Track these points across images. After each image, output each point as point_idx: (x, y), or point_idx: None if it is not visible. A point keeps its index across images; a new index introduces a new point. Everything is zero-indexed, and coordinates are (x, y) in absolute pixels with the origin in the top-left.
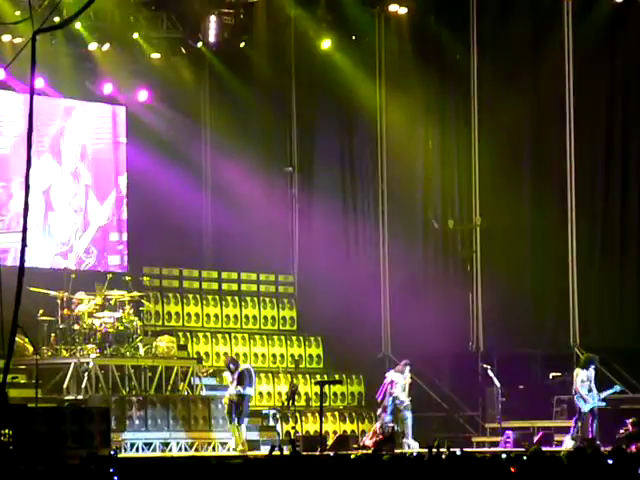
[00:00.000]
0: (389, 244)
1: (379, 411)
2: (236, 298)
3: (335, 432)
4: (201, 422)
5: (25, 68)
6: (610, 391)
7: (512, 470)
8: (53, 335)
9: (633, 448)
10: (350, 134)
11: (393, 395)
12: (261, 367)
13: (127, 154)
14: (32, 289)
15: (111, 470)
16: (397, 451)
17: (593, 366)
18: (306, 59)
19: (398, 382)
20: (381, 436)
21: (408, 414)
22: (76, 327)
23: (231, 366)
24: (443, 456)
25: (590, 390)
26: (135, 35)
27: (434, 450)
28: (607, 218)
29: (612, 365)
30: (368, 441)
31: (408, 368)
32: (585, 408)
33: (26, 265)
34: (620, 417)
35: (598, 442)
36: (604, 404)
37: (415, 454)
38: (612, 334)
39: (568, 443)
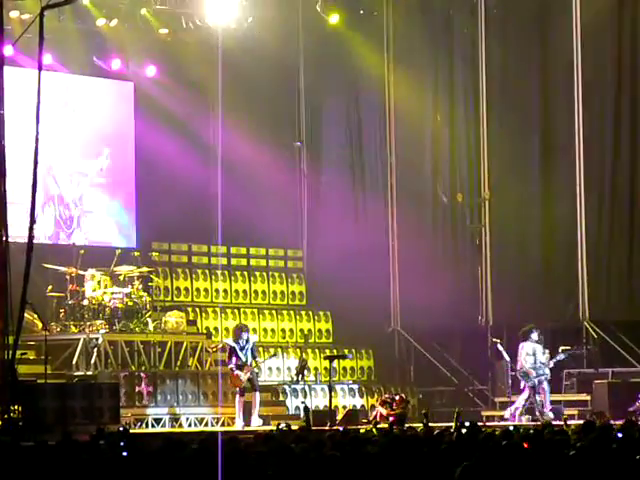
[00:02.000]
0: (398, 218)
1: (522, 384)
2: (245, 273)
3: (345, 407)
4: (211, 397)
5: (33, 44)
6: (554, 360)
7: (525, 446)
8: (62, 311)
9: None
10: (358, 108)
11: (530, 365)
12: (270, 342)
13: (135, 130)
14: (45, 265)
15: (121, 444)
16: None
17: (535, 337)
18: (314, 34)
19: (536, 352)
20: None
21: (545, 385)
22: (85, 303)
23: (244, 335)
24: (463, 430)
25: (535, 362)
26: (143, 11)
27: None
28: (616, 190)
29: (621, 338)
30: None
31: (542, 338)
32: (530, 383)
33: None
34: (631, 391)
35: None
36: (548, 374)
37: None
38: (621, 307)
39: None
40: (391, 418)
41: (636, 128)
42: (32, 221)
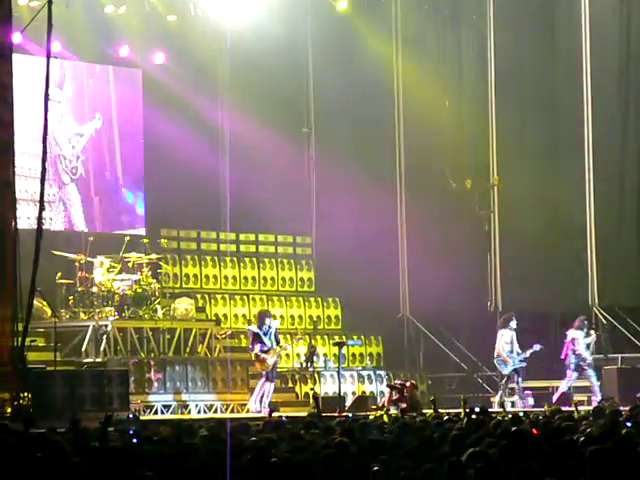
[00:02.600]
0: (406, 205)
1: (568, 372)
2: (254, 260)
3: (354, 393)
4: (220, 384)
5: (42, 31)
6: (529, 351)
7: (534, 432)
8: (71, 298)
9: None
10: (367, 95)
11: (576, 353)
12: (280, 329)
13: (144, 117)
14: (54, 252)
15: (130, 432)
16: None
17: (514, 325)
18: (322, 20)
19: (579, 339)
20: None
21: (592, 372)
22: (94, 290)
23: (267, 320)
24: (473, 416)
25: (511, 351)
26: None
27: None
28: (625, 177)
29: (631, 324)
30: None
31: (587, 323)
32: (506, 370)
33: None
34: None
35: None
36: (524, 364)
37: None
38: (630, 293)
39: (520, 403)
40: (403, 405)
41: None
42: (41, 208)
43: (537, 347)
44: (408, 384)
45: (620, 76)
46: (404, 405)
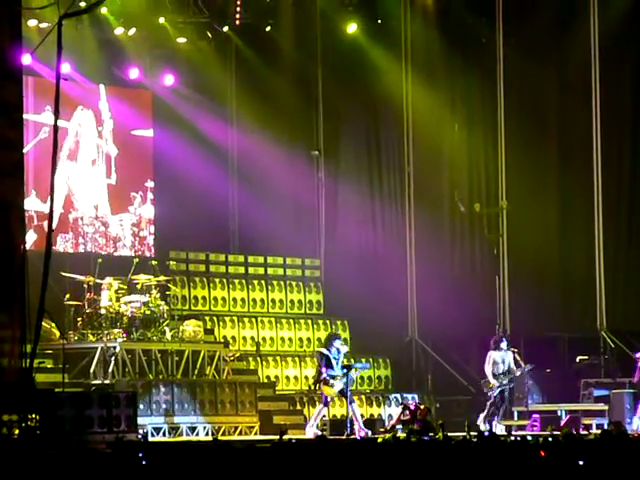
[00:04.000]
0: (415, 228)
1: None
2: (262, 282)
3: (362, 416)
4: (228, 406)
5: (51, 53)
6: (519, 371)
7: (542, 454)
8: (80, 319)
9: None
10: (376, 117)
11: None
12: (288, 351)
13: (154, 139)
14: (63, 274)
15: (140, 455)
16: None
17: (504, 346)
18: (332, 43)
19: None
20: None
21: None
22: (103, 311)
23: (336, 343)
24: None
25: (502, 373)
26: (161, 20)
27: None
28: (634, 201)
29: (638, 348)
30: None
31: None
32: (490, 392)
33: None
34: None
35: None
36: (511, 385)
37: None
38: (638, 317)
39: (482, 427)
40: (415, 427)
41: None
42: (50, 229)
43: (528, 367)
44: (422, 407)
45: (630, 99)
46: (417, 427)
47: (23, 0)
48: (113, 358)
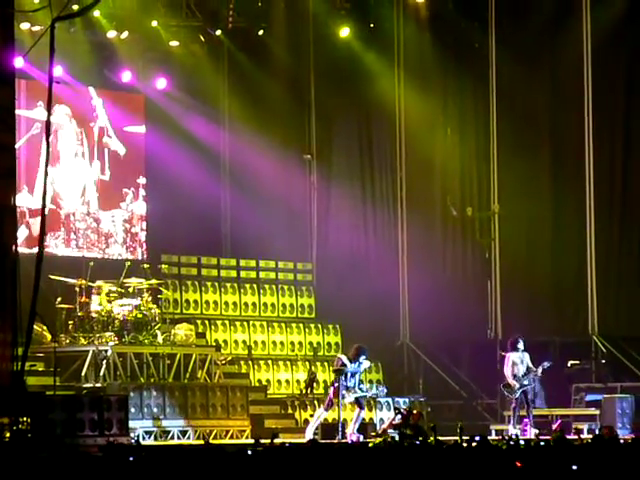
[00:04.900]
0: (407, 232)
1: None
2: (254, 286)
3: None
4: (219, 410)
5: (44, 56)
6: (540, 369)
7: (518, 465)
8: (71, 323)
9: None
10: (368, 121)
11: None
12: (279, 355)
13: (145, 142)
14: (52, 277)
15: (130, 459)
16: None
17: (522, 347)
18: (324, 47)
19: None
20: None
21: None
22: (94, 315)
23: (360, 358)
24: (464, 444)
25: (524, 374)
26: (154, 23)
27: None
28: (626, 205)
29: (630, 353)
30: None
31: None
32: (514, 395)
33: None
34: None
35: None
36: (532, 385)
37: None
38: (630, 322)
39: (512, 431)
40: (408, 431)
41: None
42: (42, 233)
43: (546, 364)
44: (415, 411)
45: (623, 104)
46: (409, 431)
47: (16, 3)
48: (104, 361)
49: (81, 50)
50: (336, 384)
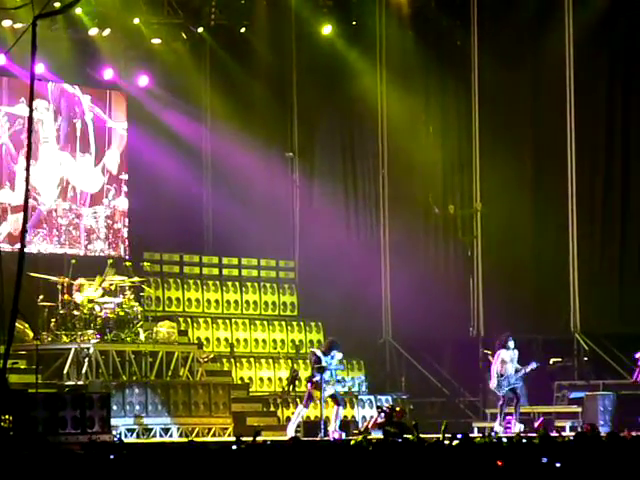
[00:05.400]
0: (390, 229)
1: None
2: (237, 283)
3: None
4: (202, 408)
5: (26, 53)
6: (528, 368)
7: (499, 464)
8: (53, 320)
9: None
10: (351, 119)
11: None
12: (262, 353)
13: (127, 139)
14: (33, 274)
15: (111, 457)
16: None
17: (512, 345)
18: (307, 44)
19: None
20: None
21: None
22: (76, 312)
23: (333, 351)
24: (446, 442)
25: (514, 371)
26: (136, 20)
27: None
28: (608, 203)
29: (612, 350)
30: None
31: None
32: (501, 392)
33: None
34: (622, 403)
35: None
36: (520, 384)
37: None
38: (612, 319)
39: (497, 428)
40: (392, 429)
41: (628, 142)
42: (24, 230)
43: (534, 365)
44: (398, 409)
45: (604, 104)
46: (393, 429)
47: None
48: (87, 359)
49: (63, 48)
50: (314, 379)
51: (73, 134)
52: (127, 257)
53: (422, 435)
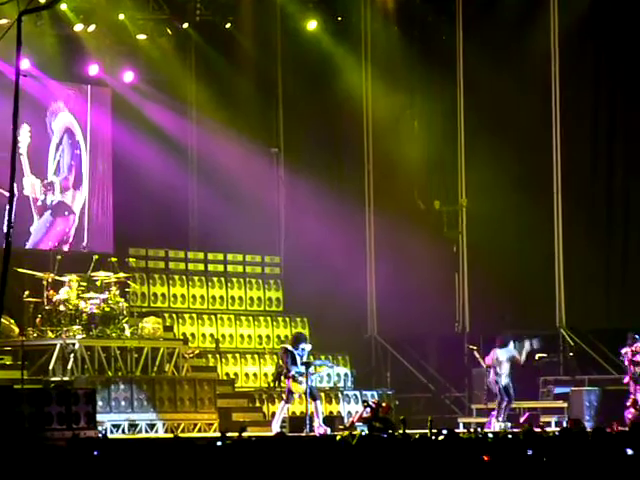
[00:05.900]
0: (375, 225)
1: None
2: (222, 279)
3: (322, 413)
4: (187, 403)
5: (11, 49)
6: (524, 351)
7: (485, 459)
8: (39, 316)
9: None
10: (336, 114)
11: None
12: (247, 348)
13: (113, 135)
14: (18, 270)
15: (95, 453)
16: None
17: (512, 346)
18: (292, 40)
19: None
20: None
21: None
22: (62, 308)
23: (302, 344)
24: (433, 437)
25: (497, 372)
26: (121, 16)
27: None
28: (593, 199)
29: (598, 346)
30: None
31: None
32: (495, 389)
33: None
34: (608, 398)
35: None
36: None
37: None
38: (598, 315)
39: (495, 424)
40: (377, 424)
41: (613, 135)
42: (9, 226)
43: (535, 343)
44: (384, 404)
45: (590, 97)
46: (378, 425)
47: None
48: (72, 355)
49: (48, 43)
50: (290, 373)
51: (57, 132)
52: (112, 253)
53: (408, 431)
